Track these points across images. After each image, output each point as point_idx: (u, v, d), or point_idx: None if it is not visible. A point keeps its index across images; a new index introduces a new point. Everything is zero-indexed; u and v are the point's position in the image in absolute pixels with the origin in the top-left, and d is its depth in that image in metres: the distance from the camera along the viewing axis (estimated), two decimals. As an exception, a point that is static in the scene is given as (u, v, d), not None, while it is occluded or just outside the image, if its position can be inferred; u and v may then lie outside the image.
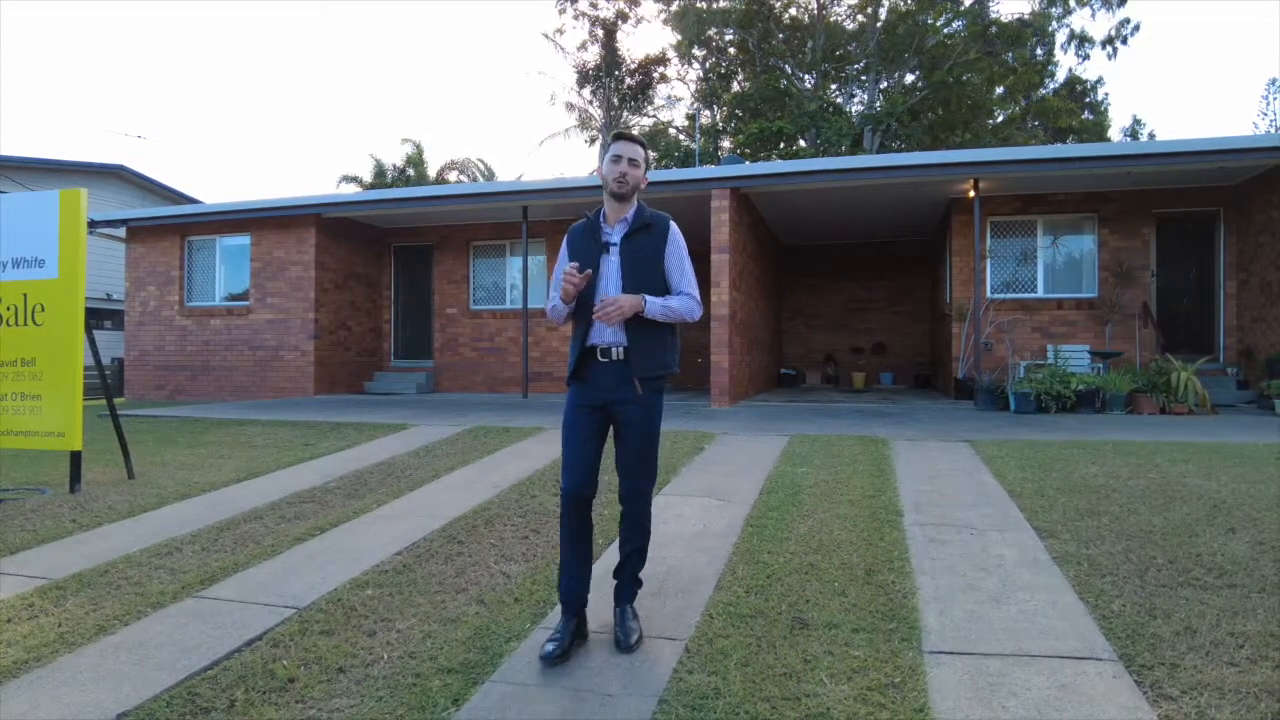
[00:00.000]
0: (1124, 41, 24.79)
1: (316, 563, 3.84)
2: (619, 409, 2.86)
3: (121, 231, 13.75)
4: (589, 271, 2.82)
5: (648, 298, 2.81)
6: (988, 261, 11.15)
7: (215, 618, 3.17)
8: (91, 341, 5.72)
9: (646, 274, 2.87)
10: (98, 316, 18.40)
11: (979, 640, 2.78)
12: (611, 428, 2.94)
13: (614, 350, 2.84)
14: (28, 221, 5.54)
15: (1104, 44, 25.13)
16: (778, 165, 11.23)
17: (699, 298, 2.94)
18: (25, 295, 5.48)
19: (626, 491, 2.92)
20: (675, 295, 2.92)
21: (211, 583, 3.57)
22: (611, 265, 2.87)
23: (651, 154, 2.78)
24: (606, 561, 3.66)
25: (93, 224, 13.15)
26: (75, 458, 5.40)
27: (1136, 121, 31.60)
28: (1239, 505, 4.26)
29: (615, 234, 2.89)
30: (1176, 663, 2.54)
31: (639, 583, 3.03)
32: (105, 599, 3.38)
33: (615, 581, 2.99)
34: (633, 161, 2.87)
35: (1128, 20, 24.78)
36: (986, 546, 3.79)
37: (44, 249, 5.47)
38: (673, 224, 2.95)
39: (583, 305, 2.88)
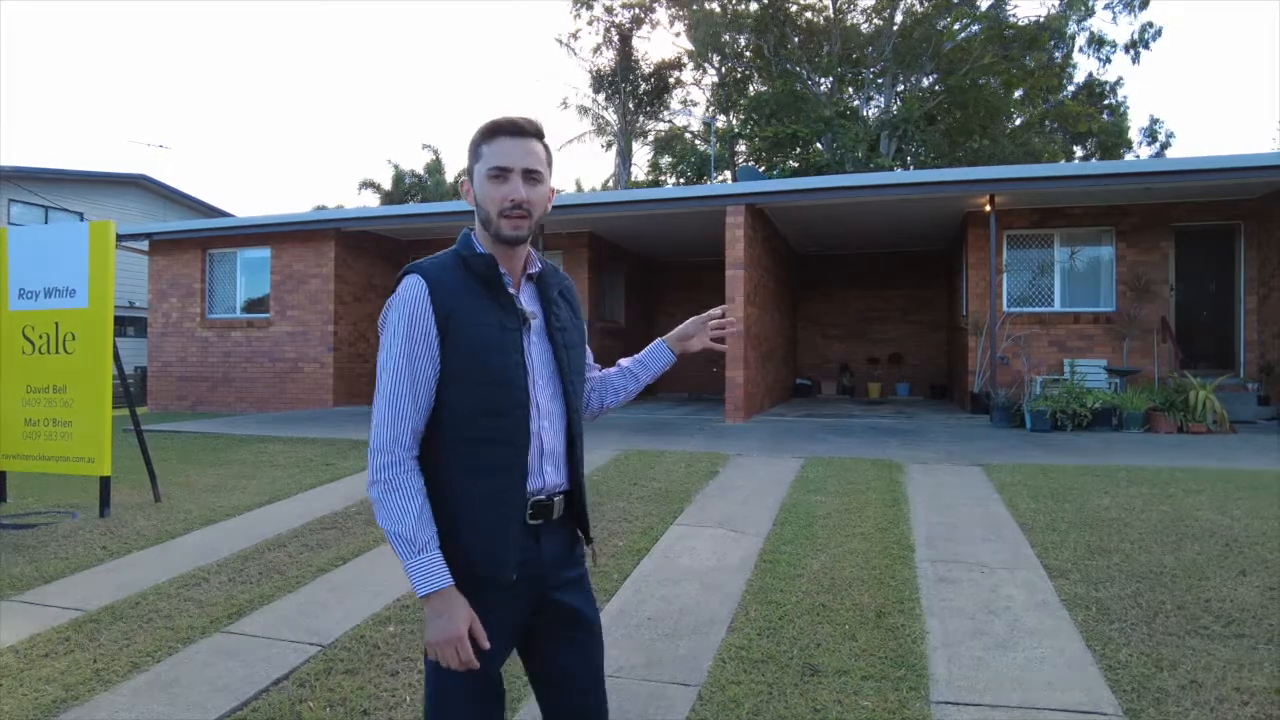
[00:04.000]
0: (1146, 46, 24.64)
1: (339, 595, 3.94)
2: (558, 599, 1.66)
3: (144, 244, 14.02)
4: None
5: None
6: (1004, 275, 11.12)
7: (243, 654, 3.28)
8: (119, 367, 5.88)
9: (582, 371, 1.78)
10: (121, 324, 18.71)
11: (986, 690, 2.83)
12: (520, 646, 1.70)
13: (557, 502, 1.65)
14: (60, 252, 5.70)
15: (1127, 48, 25.02)
16: (793, 182, 11.26)
17: None
18: (57, 324, 5.64)
19: None
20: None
21: (239, 616, 3.68)
22: (541, 354, 1.66)
23: (552, 152, 1.67)
24: (611, 610, 3.74)
25: (118, 238, 13.37)
26: (104, 483, 5.55)
27: (1155, 122, 31.38)
28: (1251, 544, 4.27)
29: (524, 297, 1.67)
30: (1181, 720, 2.58)
31: None
32: (137, 633, 3.50)
33: None
34: (532, 175, 1.58)
35: (1150, 24, 24.65)
36: (996, 586, 3.83)
37: (75, 279, 5.63)
38: (571, 281, 1.84)
39: (492, 406, 1.55)
